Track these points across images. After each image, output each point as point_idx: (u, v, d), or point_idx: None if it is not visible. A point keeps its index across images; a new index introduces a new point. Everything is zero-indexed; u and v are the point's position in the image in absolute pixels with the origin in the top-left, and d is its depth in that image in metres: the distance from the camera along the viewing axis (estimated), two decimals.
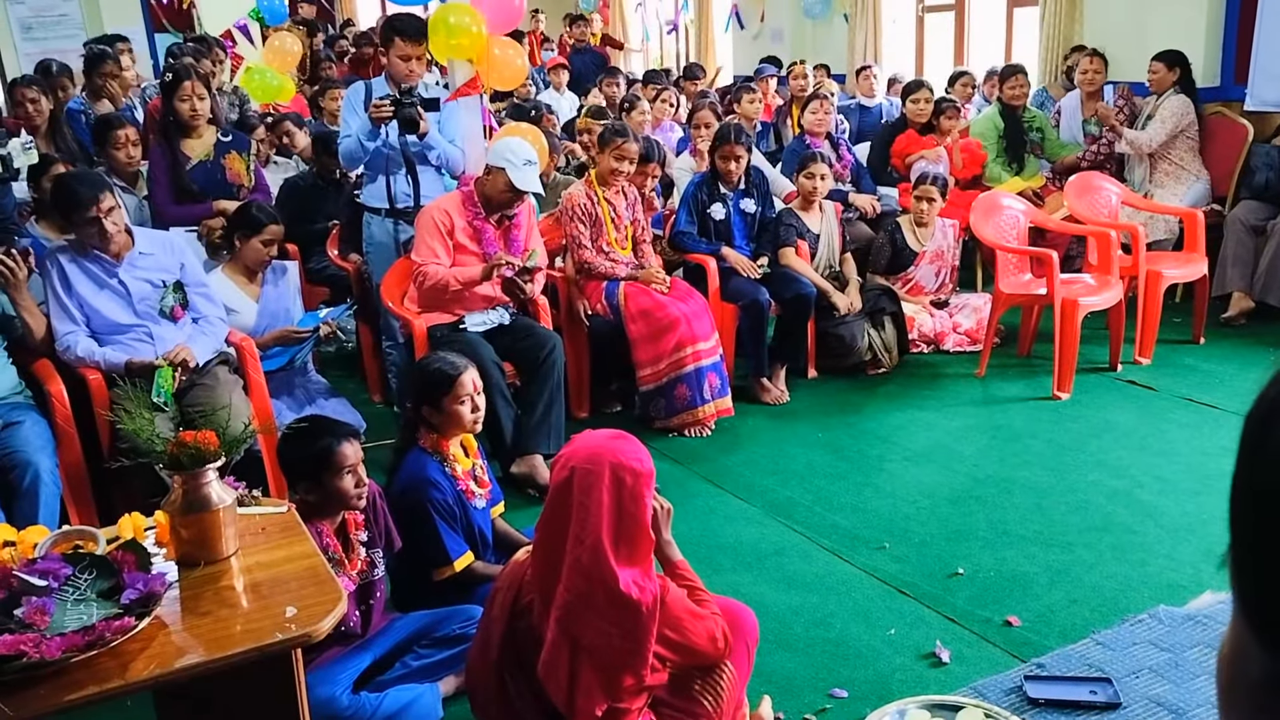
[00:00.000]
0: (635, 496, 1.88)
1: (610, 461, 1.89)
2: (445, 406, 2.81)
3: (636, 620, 1.86)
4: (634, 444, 2.00)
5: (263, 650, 1.64)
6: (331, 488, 2.45)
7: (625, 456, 1.92)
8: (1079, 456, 3.95)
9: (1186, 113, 5.69)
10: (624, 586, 1.83)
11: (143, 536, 1.93)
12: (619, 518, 1.86)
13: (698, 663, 2.06)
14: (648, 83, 7.49)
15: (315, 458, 2.44)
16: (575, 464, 1.91)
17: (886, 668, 2.71)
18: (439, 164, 4.44)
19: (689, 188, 4.93)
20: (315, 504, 2.46)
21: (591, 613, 1.86)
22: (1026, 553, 3.25)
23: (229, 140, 4.77)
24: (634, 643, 1.87)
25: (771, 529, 3.53)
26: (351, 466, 2.47)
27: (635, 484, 1.89)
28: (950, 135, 6.00)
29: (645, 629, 1.87)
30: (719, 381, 4.37)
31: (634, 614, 1.86)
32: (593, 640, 1.87)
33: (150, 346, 3.46)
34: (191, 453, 1.81)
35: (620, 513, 1.87)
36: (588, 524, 1.85)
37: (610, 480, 1.87)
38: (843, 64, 8.74)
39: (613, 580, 1.83)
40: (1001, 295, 4.84)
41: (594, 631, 1.87)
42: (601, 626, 1.86)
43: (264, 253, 3.96)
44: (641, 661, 1.88)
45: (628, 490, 1.87)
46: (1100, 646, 2.69)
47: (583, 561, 1.85)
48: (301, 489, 2.46)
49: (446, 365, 2.87)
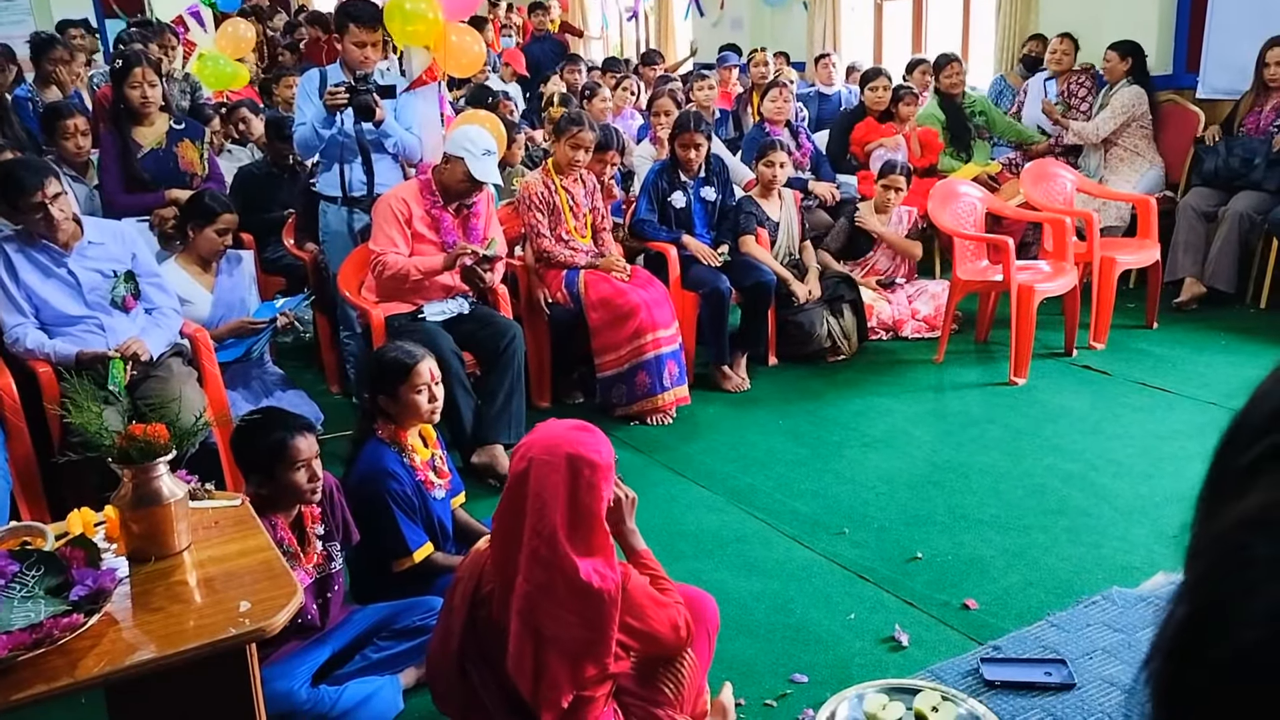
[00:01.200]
0: (592, 488, 1.87)
1: (568, 453, 1.88)
2: (402, 396, 2.79)
3: (598, 609, 1.85)
4: (594, 435, 1.99)
5: (216, 646, 1.61)
6: (285, 482, 2.42)
7: (583, 448, 1.90)
8: (1035, 441, 4.01)
9: (1139, 103, 5.77)
10: (584, 576, 1.83)
11: (93, 532, 1.90)
12: (575, 509, 1.85)
13: (660, 651, 2.06)
14: (607, 70, 7.46)
15: (269, 451, 2.41)
16: (533, 455, 1.90)
17: (846, 652, 2.73)
18: (396, 152, 4.39)
19: (649, 175, 4.92)
20: (269, 497, 2.43)
21: (552, 603, 1.85)
22: (983, 536, 3.29)
23: (182, 128, 4.68)
24: (596, 631, 1.87)
25: (732, 516, 3.54)
26: (305, 461, 2.44)
27: (592, 476, 1.88)
28: (909, 123, 6.04)
29: (607, 617, 1.86)
30: (678, 370, 4.37)
31: (595, 603, 1.85)
32: (555, 630, 1.86)
33: (102, 338, 3.40)
34: (141, 446, 1.77)
35: (576, 504, 1.86)
36: (545, 515, 1.84)
37: (567, 472, 1.86)
38: (802, 51, 8.77)
39: (572, 570, 1.83)
40: (959, 282, 4.88)
41: (556, 622, 1.86)
42: (563, 616, 1.85)
43: (218, 242, 3.90)
44: (605, 650, 1.87)
45: (584, 482, 1.86)
46: (1055, 628, 2.73)
47: (541, 553, 1.85)
48: (255, 482, 2.43)
49: (403, 354, 2.84)
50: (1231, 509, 0.39)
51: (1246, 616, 0.36)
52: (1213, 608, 0.38)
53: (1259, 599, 0.36)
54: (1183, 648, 0.39)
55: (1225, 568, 0.38)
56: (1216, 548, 0.39)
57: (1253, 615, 0.36)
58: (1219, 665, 0.37)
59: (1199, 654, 0.38)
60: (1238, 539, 0.38)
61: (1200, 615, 0.39)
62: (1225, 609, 0.37)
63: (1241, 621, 0.36)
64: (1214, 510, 0.42)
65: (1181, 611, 0.40)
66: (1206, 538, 0.41)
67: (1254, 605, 0.36)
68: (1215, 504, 0.42)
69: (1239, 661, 0.36)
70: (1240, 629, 0.36)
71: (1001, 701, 2.43)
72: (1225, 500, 0.41)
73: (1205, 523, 0.43)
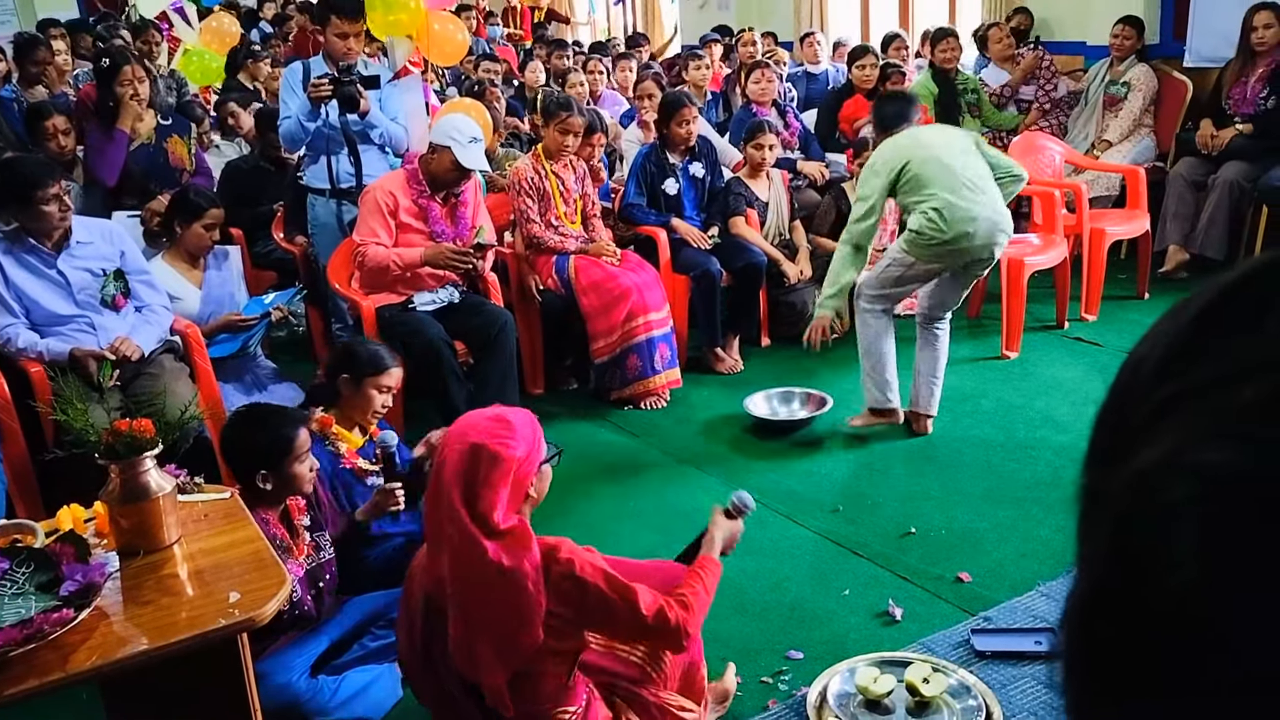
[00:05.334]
0: (487, 481, 1.84)
1: (473, 442, 1.87)
2: (364, 387, 2.84)
3: (513, 585, 1.83)
4: (508, 428, 1.92)
5: (207, 637, 1.63)
6: (289, 474, 2.42)
7: (490, 439, 1.87)
8: (1028, 414, 4.02)
9: (1151, 79, 5.81)
10: (492, 555, 1.81)
11: (82, 528, 1.91)
12: (468, 496, 1.83)
13: (646, 637, 2.02)
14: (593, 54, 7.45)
15: (276, 445, 2.40)
16: (448, 443, 1.91)
17: (841, 628, 2.75)
18: (382, 142, 4.38)
19: (637, 159, 4.91)
20: (267, 492, 2.42)
21: (472, 586, 1.85)
22: (977, 510, 3.31)
23: (169, 124, 4.68)
24: (516, 608, 1.84)
25: (727, 496, 3.53)
26: (306, 452, 2.46)
27: (491, 467, 1.85)
28: None
29: (525, 593, 1.83)
30: (669, 353, 4.38)
31: (509, 580, 1.82)
32: (480, 613, 1.86)
33: (92, 337, 3.41)
34: (127, 441, 1.78)
35: (473, 491, 1.83)
36: (447, 502, 1.84)
37: (467, 459, 1.85)
38: (789, 30, 8.73)
39: (481, 552, 1.81)
40: None
41: (480, 604, 1.85)
42: (485, 597, 1.84)
43: (205, 238, 3.90)
44: (529, 625, 1.84)
45: (482, 471, 1.84)
46: (1045, 598, 2.75)
47: (455, 539, 1.84)
48: (260, 478, 2.42)
49: (385, 353, 2.91)
50: (1132, 462, 0.39)
51: (1174, 562, 0.36)
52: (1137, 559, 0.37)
53: (1183, 541, 0.36)
54: (1109, 607, 0.38)
55: (1141, 517, 0.38)
56: (1127, 498, 0.39)
57: (1182, 560, 0.35)
58: (1153, 616, 0.36)
59: (1128, 609, 0.37)
60: (1148, 486, 0.38)
61: (1123, 570, 0.38)
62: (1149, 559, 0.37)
63: (1169, 568, 0.36)
64: (1108, 471, 0.41)
65: (1099, 571, 0.39)
66: (1112, 494, 0.40)
67: (1179, 551, 0.36)
68: (1110, 464, 0.41)
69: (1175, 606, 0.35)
70: (1169, 575, 0.36)
71: (992, 671, 2.45)
72: (1122, 458, 0.40)
73: (1100, 484, 0.42)
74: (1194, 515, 0.36)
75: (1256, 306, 0.39)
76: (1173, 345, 0.41)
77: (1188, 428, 0.38)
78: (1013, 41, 6.27)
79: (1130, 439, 0.40)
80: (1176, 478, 0.37)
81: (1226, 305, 0.41)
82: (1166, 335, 0.42)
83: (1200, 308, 0.41)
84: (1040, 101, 6.23)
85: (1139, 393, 0.41)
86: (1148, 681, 0.37)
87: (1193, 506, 0.36)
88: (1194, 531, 0.36)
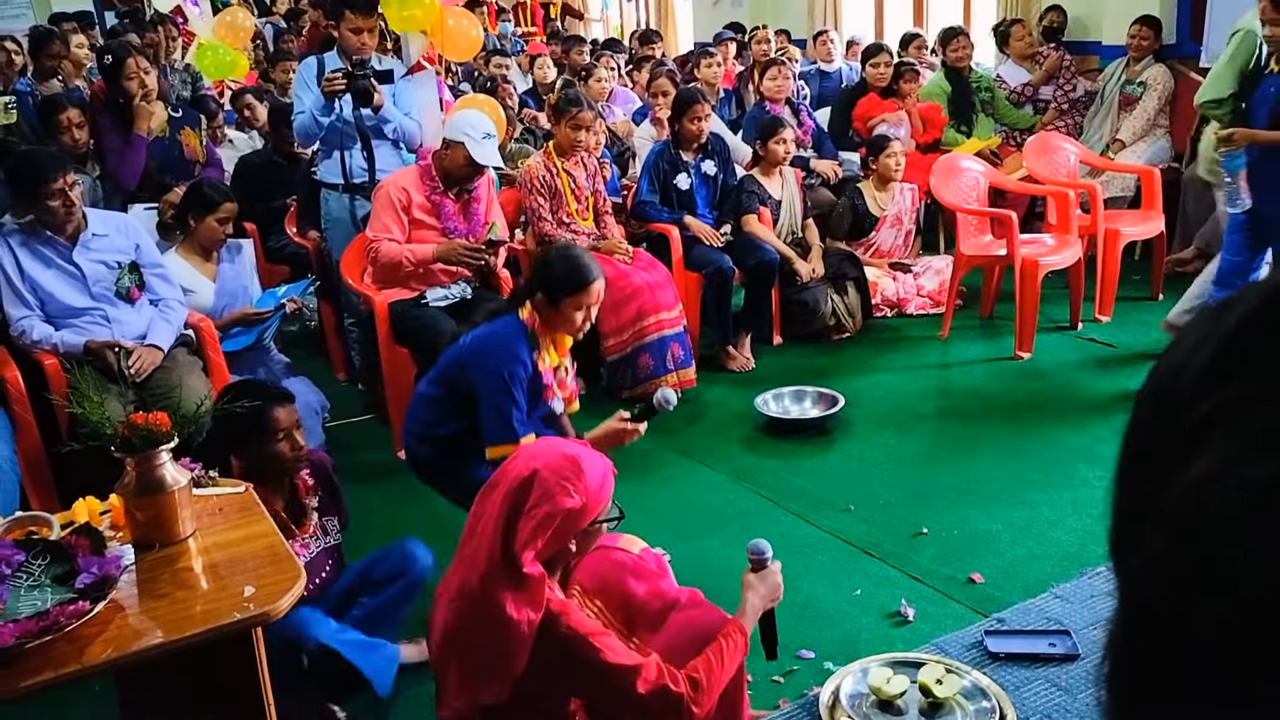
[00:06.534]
0: (530, 518, 1.75)
1: (534, 468, 1.79)
2: (563, 306, 2.73)
3: (503, 636, 1.74)
4: (579, 472, 1.80)
5: (222, 630, 1.63)
6: (267, 453, 2.40)
7: (552, 476, 1.77)
8: (1040, 414, 4.00)
9: (1168, 80, 5.78)
10: (499, 598, 1.73)
11: (98, 520, 1.91)
12: (507, 528, 1.76)
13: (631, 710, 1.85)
14: (607, 51, 7.44)
15: (248, 424, 2.35)
16: (515, 458, 1.87)
17: (853, 627, 2.74)
18: (395, 138, 4.38)
19: (650, 156, 4.90)
20: (253, 473, 2.38)
21: (466, 612, 1.79)
22: (989, 510, 3.29)
23: (180, 116, 4.69)
24: (495, 656, 1.76)
25: (739, 494, 3.55)
26: (286, 430, 2.42)
27: (538, 505, 1.75)
28: (910, 98, 6.01)
29: (510, 649, 1.75)
30: (682, 352, 4.37)
31: (503, 630, 1.74)
32: (462, 639, 1.81)
33: (107, 329, 3.41)
34: (143, 434, 1.78)
35: (509, 524, 1.76)
36: (488, 522, 1.79)
37: (519, 485, 1.78)
38: (803, 28, 8.71)
39: (491, 587, 1.74)
40: (962, 257, 4.87)
41: (464, 632, 1.80)
42: (473, 629, 1.78)
43: (219, 231, 3.90)
44: (501, 676, 1.76)
45: (528, 505, 1.76)
46: (1059, 600, 2.73)
47: (476, 558, 1.78)
48: (239, 458, 2.40)
49: (584, 267, 2.76)
50: (1183, 475, 0.38)
51: (1238, 572, 0.35)
52: (1193, 573, 0.37)
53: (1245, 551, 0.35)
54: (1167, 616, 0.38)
55: (1200, 529, 0.37)
56: (1182, 512, 0.38)
57: (1246, 570, 0.35)
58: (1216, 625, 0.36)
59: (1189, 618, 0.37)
60: (1205, 497, 0.37)
61: (1179, 583, 0.38)
62: (1210, 570, 0.36)
63: (1233, 578, 0.35)
64: (1153, 483, 0.40)
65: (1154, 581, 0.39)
66: (1161, 507, 0.39)
67: (1242, 561, 0.35)
68: (1154, 476, 0.41)
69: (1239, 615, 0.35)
70: (1234, 586, 0.35)
71: (1006, 673, 2.43)
72: (1167, 470, 0.40)
73: (1144, 496, 0.41)
74: (1254, 526, 0.35)
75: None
76: (1217, 355, 0.41)
77: (1241, 439, 0.37)
78: (1034, 40, 6.24)
79: (1179, 449, 0.39)
80: (1234, 489, 0.36)
81: (1269, 314, 0.40)
82: (1208, 343, 0.41)
83: (1243, 316, 0.41)
84: (1059, 102, 6.20)
85: (1183, 401, 0.41)
86: (1208, 688, 0.37)
87: (1252, 518, 0.35)
88: (1256, 542, 0.35)
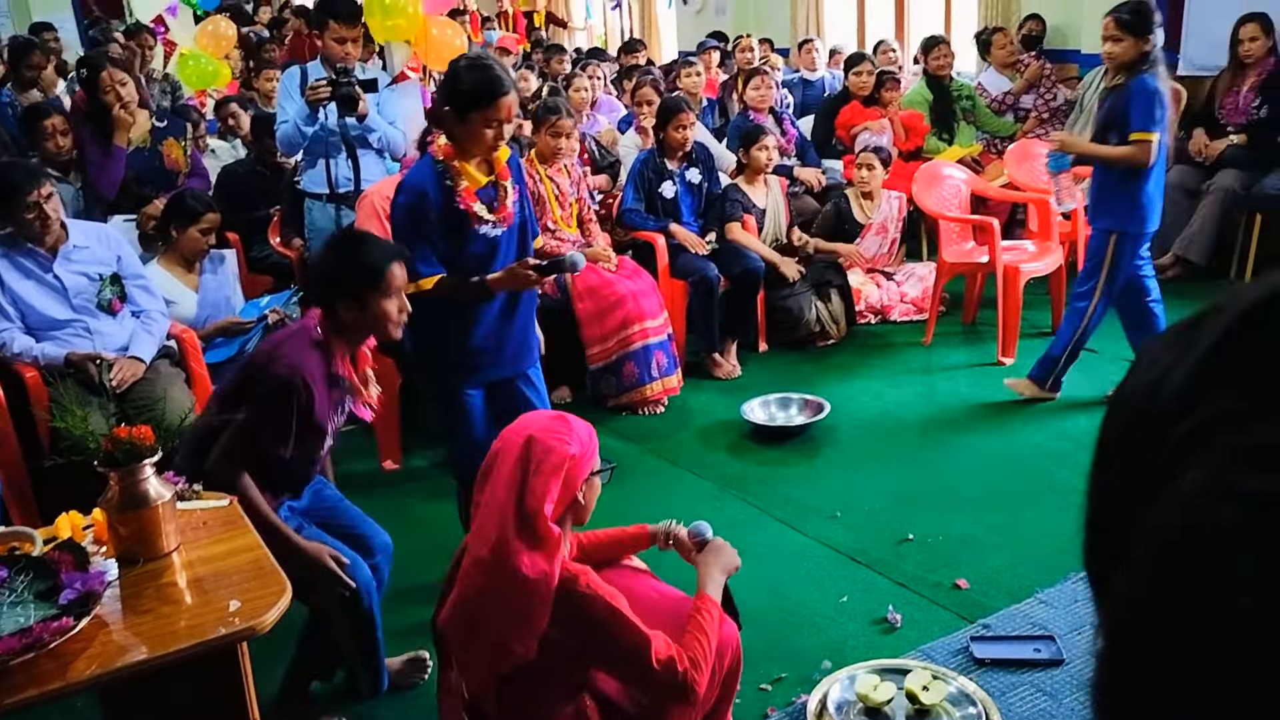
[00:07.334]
0: (539, 472, 1.82)
1: (528, 434, 1.86)
2: (471, 120, 2.59)
3: (524, 594, 1.78)
4: (567, 426, 1.91)
5: (207, 645, 1.62)
6: (375, 310, 2.33)
7: (547, 434, 1.86)
8: (1023, 419, 4.03)
9: None
10: (515, 560, 1.78)
11: (81, 535, 1.90)
12: (520, 491, 1.81)
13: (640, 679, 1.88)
14: (591, 60, 7.45)
15: (365, 273, 2.31)
16: (505, 436, 1.90)
17: (840, 634, 2.75)
18: (380, 147, 4.38)
19: (635, 165, 4.91)
20: (348, 324, 2.35)
21: (485, 580, 1.82)
22: (974, 516, 3.31)
23: (165, 126, 4.67)
24: (517, 616, 1.80)
25: (725, 502, 3.55)
26: (399, 289, 2.37)
27: (544, 460, 1.82)
28: (892, 106, 6.04)
29: (533, 606, 1.79)
30: (666, 360, 4.38)
31: (523, 588, 1.78)
32: (482, 608, 1.83)
33: (89, 341, 3.39)
34: (126, 448, 1.77)
35: (525, 489, 1.81)
36: (496, 493, 1.83)
37: (520, 452, 1.83)
38: (785, 37, 8.75)
39: (506, 551, 1.79)
40: (945, 264, 4.89)
41: (486, 599, 1.83)
42: (493, 595, 1.81)
43: (202, 242, 3.89)
44: (525, 636, 1.80)
45: (534, 465, 1.82)
46: (1044, 605, 2.75)
47: (486, 529, 1.82)
48: (342, 306, 2.33)
49: (495, 79, 2.59)
50: (1171, 490, 0.39)
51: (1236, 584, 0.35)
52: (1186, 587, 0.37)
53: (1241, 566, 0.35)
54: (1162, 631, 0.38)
55: (1193, 542, 0.37)
56: (1171, 527, 0.39)
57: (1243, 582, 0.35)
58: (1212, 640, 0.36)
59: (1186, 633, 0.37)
60: (1200, 510, 0.37)
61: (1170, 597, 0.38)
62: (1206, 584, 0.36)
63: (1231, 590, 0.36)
64: (1135, 500, 0.41)
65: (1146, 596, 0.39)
66: (1147, 523, 0.40)
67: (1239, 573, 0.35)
68: (1137, 493, 0.41)
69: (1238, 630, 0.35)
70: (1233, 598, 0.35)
71: (992, 679, 2.45)
72: (1151, 487, 0.40)
73: (1125, 513, 0.42)
74: (1251, 539, 0.36)
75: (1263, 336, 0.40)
76: (1196, 372, 0.41)
77: (1230, 455, 0.38)
78: (1016, 48, 6.29)
79: (1163, 466, 0.40)
80: (1228, 502, 0.37)
81: (1247, 331, 0.41)
82: (1183, 361, 0.42)
83: (1220, 333, 0.41)
84: (1039, 110, 6.25)
85: (1163, 417, 0.41)
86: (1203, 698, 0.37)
87: (1249, 530, 0.36)
88: (1253, 555, 0.36)
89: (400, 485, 3.86)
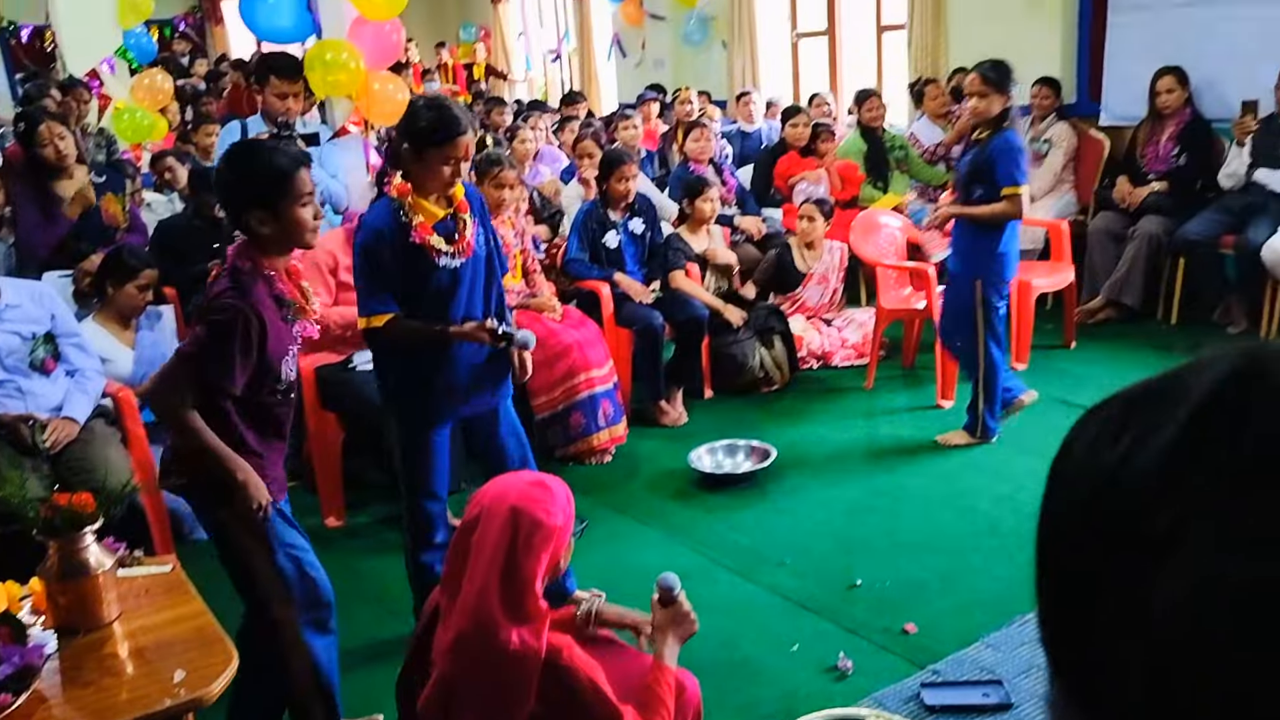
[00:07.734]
0: (529, 547, 1.79)
1: (512, 505, 1.82)
2: (429, 158, 2.64)
3: (513, 670, 1.77)
4: (549, 494, 1.88)
5: (152, 718, 1.58)
6: (290, 216, 2.25)
7: (532, 504, 1.83)
8: (964, 462, 4.10)
9: (1071, 137, 6.04)
10: (502, 635, 1.75)
11: (17, 606, 1.84)
12: (508, 565, 1.79)
13: None
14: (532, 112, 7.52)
15: (272, 180, 2.24)
16: (483, 504, 1.88)
17: (791, 684, 2.75)
18: (321, 200, 4.36)
19: (579, 216, 4.95)
20: (268, 239, 2.27)
21: (469, 657, 1.79)
22: (919, 560, 3.35)
23: (103, 181, 4.61)
24: (507, 693, 1.78)
25: (675, 552, 3.55)
26: (310, 194, 2.30)
27: (532, 534, 1.80)
28: (828, 156, 6.19)
29: (521, 682, 1.77)
30: (612, 409, 4.39)
31: (512, 664, 1.76)
32: (467, 688, 1.80)
33: (20, 402, 3.31)
34: (66, 515, 1.73)
35: (512, 561, 1.79)
36: (479, 565, 1.80)
37: (504, 525, 1.81)
38: (723, 89, 8.92)
39: (492, 626, 1.76)
40: (883, 310, 4.99)
41: (470, 677, 1.80)
42: (478, 673, 1.79)
43: (139, 299, 3.83)
44: (515, 710, 1.78)
45: (523, 538, 1.80)
46: (991, 649, 2.79)
47: (469, 603, 1.79)
48: (255, 220, 2.25)
49: (453, 119, 2.64)
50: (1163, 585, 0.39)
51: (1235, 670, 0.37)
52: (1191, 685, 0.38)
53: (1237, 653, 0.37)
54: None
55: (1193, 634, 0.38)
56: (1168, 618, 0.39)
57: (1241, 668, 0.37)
58: None
59: None
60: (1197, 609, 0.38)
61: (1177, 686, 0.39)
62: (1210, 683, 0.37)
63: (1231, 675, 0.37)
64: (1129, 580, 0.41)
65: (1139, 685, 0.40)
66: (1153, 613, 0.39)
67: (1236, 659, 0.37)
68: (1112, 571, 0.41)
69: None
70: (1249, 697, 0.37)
71: None
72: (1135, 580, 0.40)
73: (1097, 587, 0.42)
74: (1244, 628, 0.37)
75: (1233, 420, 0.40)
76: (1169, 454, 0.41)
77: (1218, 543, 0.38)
78: (948, 99, 6.48)
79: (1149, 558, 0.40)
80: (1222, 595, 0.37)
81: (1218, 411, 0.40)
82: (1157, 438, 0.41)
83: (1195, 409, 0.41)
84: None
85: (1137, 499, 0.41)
86: None
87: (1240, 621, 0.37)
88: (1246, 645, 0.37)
89: (343, 542, 3.80)
